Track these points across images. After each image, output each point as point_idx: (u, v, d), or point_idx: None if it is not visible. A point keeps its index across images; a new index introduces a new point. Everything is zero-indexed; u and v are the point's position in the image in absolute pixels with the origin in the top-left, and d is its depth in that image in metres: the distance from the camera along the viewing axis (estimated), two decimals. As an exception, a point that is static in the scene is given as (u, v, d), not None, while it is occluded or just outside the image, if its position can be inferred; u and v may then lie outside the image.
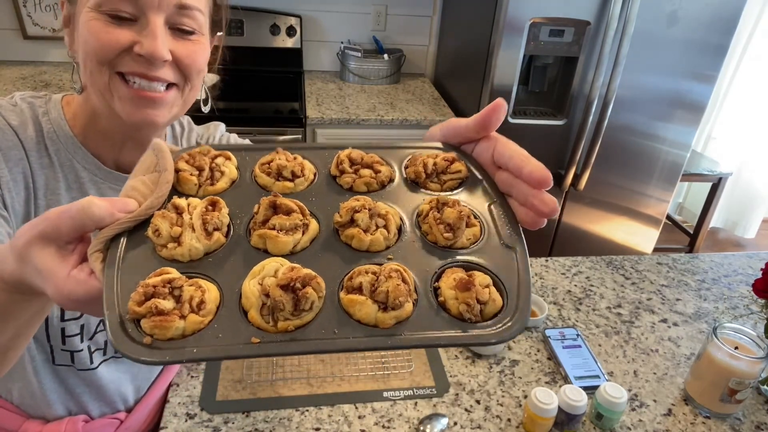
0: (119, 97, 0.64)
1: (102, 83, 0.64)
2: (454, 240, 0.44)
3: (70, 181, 0.72)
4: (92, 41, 0.61)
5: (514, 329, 0.40)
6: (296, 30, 2.54)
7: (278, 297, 0.37)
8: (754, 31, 2.95)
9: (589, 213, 2.34)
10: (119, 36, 0.61)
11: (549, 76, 2.16)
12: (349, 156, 0.49)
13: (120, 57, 0.62)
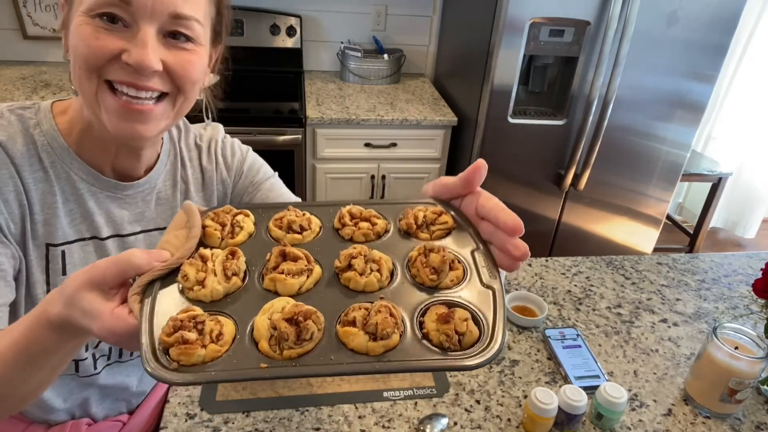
0: (105, 107, 0.63)
1: (90, 92, 0.63)
2: (438, 281, 0.51)
3: (67, 193, 0.71)
4: (82, 47, 0.60)
5: (487, 356, 0.45)
6: (296, 30, 2.54)
7: (283, 328, 0.45)
8: (754, 31, 2.95)
9: (589, 213, 2.34)
10: (108, 43, 0.60)
11: (549, 76, 2.16)
12: (349, 211, 0.58)
13: (109, 64, 0.61)
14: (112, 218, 0.75)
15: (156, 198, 0.80)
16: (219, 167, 0.87)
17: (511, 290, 1.25)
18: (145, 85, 0.62)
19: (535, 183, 2.23)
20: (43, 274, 0.71)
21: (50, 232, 0.70)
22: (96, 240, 0.74)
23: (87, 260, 0.73)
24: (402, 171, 2.35)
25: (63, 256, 0.71)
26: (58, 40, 2.70)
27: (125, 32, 0.60)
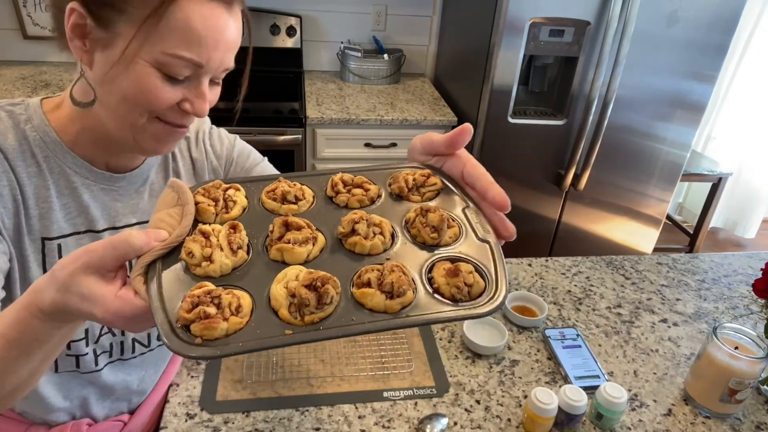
0: (152, 134, 0.67)
1: (136, 123, 0.66)
2: (439, 239, 0.54)
3: (61, 187, 0.72)
4: (148, 96, 0.63)
5: (496, 303, 0.48)
6: (296, 30, 2.54)
7: (304, 295, 0.46)
8: (754, 31, 2.95)
9: (589, 213, 2.34)
10: (173, 95, 0.64)
11: (549, 76, 2.16)
12: (341, 179, 0.59)
13: (166, 110, 0.66)
14: (107, 211, 0.76)
15: (149, 190, 0.81)
16: (209, 156, 0.89)
17: (512, 290, 1.25)
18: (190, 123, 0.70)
19: (535, 183, 2.23)
20: (40, 268, 0.71)
21: (46, 226, 0.71)
22: (91, 233, 0.75)
23: None
24: (402, 171, 2.35)
25: (59, 249, 0.72)
26: (58, 40, 2.69)
27: (186, 83, 0.65)
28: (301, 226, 0.53)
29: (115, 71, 0.63)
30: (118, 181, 0.76)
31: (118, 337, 0.83)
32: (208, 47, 0.62)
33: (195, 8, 0.60)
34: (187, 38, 0.61)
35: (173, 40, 0.60)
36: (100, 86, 0.66)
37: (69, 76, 2.38)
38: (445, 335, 1.10)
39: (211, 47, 0.63)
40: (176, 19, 0.60)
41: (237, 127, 2.08)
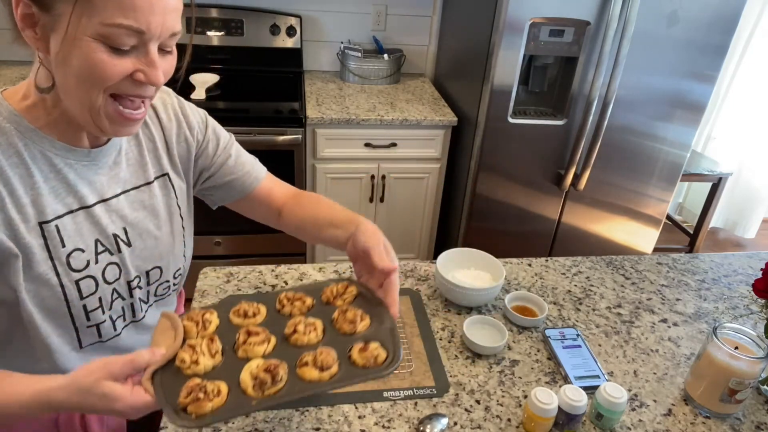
0: (107, 115, 0.69)
1: (94, 104, 0.68)
2: (355, 329, 0.77)
3: (45, 171, 0.73)
4: (96, 71, 0.64)
5: (392, 367, 0.71)
6: (296, 30, 2.54)
7: (262, 376, 0.68)
8: (754, 31, 2.95)
9: (589, 213, 2.34)
10: (122, 67, 0.66)
11: (549, 76, 2.16)
12: (285, 296, 0.81)
13: (120, 83, 0.67)
14: (94, 185, 0.79)
15: (126, 159, 0.84)
16: (180, 124, 0.91)
17: (511, 290, 1.25)
18: (147, 94, 0.71)
19: (535, 183, 2.23)
20: (45, 251, 0.74)
21: (40, 210, 0.73)
22: (84, 209, 0.78)
23: (80, 229, 0.77)
24: (402, 171, 2.35)
25: (57, 230, 0.74)
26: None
27: (134, 53, 0.66)
28: (259, 332, 0.75)
29: (63, 52, 0.64)
30: (96, 155, 0.78)
31: (127, 299, 0.86)
32: (144, 11, 0.63)
33: None
34: (121, 5, 0.61)
35: (108, 9, 0.61)
36: (56, 70, 0.67)
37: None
38: (445, 335, 1.10)
39: (147, 11, 0.63)
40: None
41: (237, 127, 2.09)
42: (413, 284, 1.25)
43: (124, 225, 0.82)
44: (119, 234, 0.82)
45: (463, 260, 1.25)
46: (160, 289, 0.91)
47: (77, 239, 0.77)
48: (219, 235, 2.36)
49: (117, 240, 0.81)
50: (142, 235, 0.85)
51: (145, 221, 0.85)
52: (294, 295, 0.81)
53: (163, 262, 0.89)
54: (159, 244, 0.87)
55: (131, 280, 0.84)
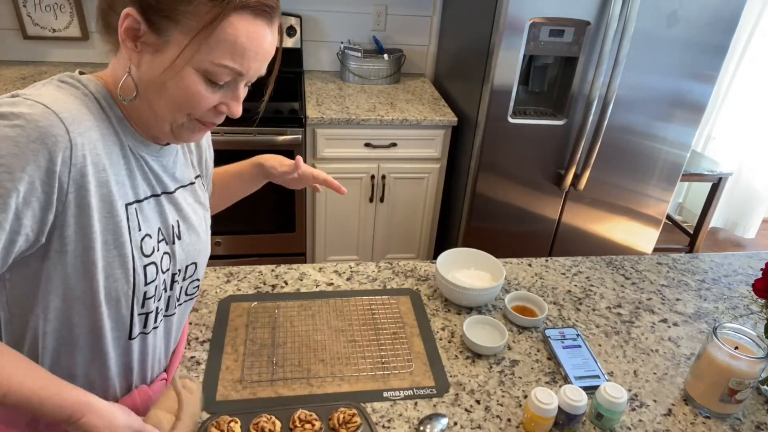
0: (189, 129, 0.76)
1: (175, 121, 0.74)
2: None
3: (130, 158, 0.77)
4: (191, 100, 0.71)
5: None
6: (296, 30, 2.54)
7: None
8: (754, 31, 2.95)
9: (589, 213, 2.34)
10: (213, 99, 0.72)
11: (549, 76, 2.16)
12: (298, 416, 0.88)
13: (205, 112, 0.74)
14: (160, 178, 0.84)
15: (179, 160, 0.89)
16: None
17: (511, 290, 1.25)
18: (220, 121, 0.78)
19: (535, 183, 2.23)
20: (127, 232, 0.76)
21: (127, 191, 0.76)
22: (155, 197, 0.83)
23: (150, 216, 0.80)
24: (402, 171, 2.35)
25: (136, 213, 0.78)
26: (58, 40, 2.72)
27: (225, 89, 0.73)
28: None
29: (164, 76, 0.69)
30: (162, 152, 0.83)
31: (168, 292, 0.87)
32: (249, 58, 0.70)
33: (243, 24, 0.67)
34: (234, 50, 0.68)
35: (221, 51, 0.67)
36: (145, 85, 0.71)
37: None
38: (445, 335, 1.10)
39: (251, 58, 0.70)
40: (226, 33, 0.66)
41: (237, 127, 2.09)
42: (413, 284, 1.25)
43: (179, 218, 0.87)
44: (175, 225, 0.85)
45: (463, 260, 1.25)
46: (190, 288, 0.93)
47: (147, 225, 0.79)
48: (219, 235, 2.36)
49: (173, 231, 0.85)
50: (189, 230, 0.89)
51: (192, 217, 0.90)
52: (306, 416, 0.88)
53: (198, 258, 0.91)
54: (199, 241, 0.90)
55: (176, 273, 0.86)
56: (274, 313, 1.13)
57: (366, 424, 0.89)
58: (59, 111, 0.66)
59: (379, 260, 2.57)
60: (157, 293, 0.82)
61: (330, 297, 1.18)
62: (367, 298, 1.19)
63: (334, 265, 1.30)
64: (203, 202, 0.94)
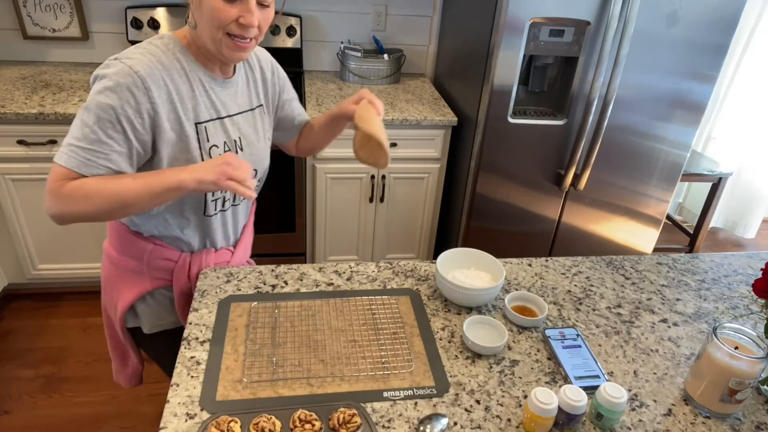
0: (226, 46, 1.02)
1: (217, 39, 1.01)
2: None
3: (199, 88, 1.08)
4: (216, 14, 0.97)
5: None
6: (296, 30, 2.54)
7: None
8: (754, 31, 2.95)
9: (589, 213, 2.34)
10: (231, 12, 0.98)
11: (549, 76, 2.16)
12: (298, 416, 0.88)
13: (230, 24, 0.99)
14: (225, 104, 1.14)
15: (241, 90, 1.19)
16: (274, 74, 1.29)
17: (511, 290, 1.25)
18: (248, 35, 1.02)
19: (535, 183, 2.23)
20: (197, 142, 1.08)
21: (197, 114, 1.08)
22: (219, 119, 1.12)
23: (216, 132, 1.11)
24: (402, 171, 2.35)
25: (205, 129, 1.10)
26: (58, 40, 2.72)
27: (239, 4, 0.98)
28: None
29: (198, 4, 0.99)
30: (225, 83, 1.13)
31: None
32: None
33: None
34: None
35: None
36: (196, 14, 1.01)
37: (69, 75, 2.38)
38: (445, 335, 1.10)
39: None
40: None
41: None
42: (413, 284, 1.25)
43: (240, 135, 1.17)
44: (237, 140, 1.16)
45: (463, 260, 1.25)
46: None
47: (215, 138, 1.11)
48: (219, 235, 2.36)
49: (236, 144, 1.16)
50: (249, 145, 1.19)
51: (251, 135, 1.20)
52: (306, 416, 0.88)
53: (257, 166, 1.23)
54: (257, 153, 1.22)
55: None
56: (274, 313, 1.13)
57: (366, 424, 0.88)
58: (138, 68, 0.98)
59: (379, 260, 2.57)
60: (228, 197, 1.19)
61: (330, 297, 1.18)
62: (367, 298, 1.19)
63: (334, 265, 1.30)
64: (262, 126, 1.24)
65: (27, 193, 2.16)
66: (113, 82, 0.96)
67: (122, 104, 0.96)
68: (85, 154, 0.96)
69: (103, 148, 0.97)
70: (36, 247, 2.31)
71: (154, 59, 1.01)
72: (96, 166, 0.97)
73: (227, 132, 1.13)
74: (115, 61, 0.99)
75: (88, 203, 0.95)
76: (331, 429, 0.87)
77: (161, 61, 1.02)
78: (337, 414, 0.88)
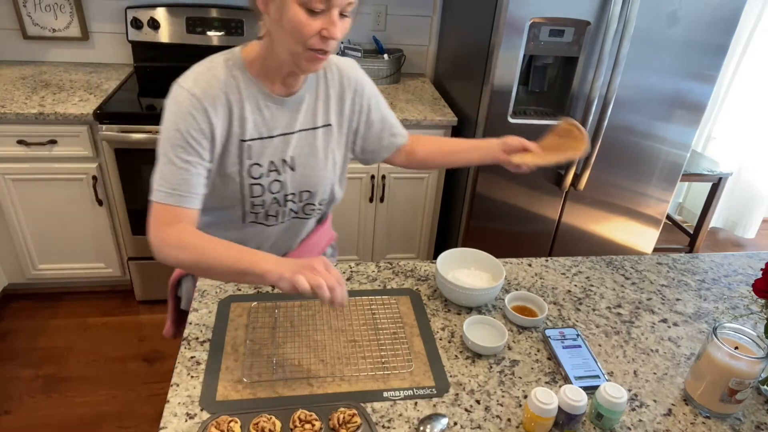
0: (304, 59, 0.98)
1: (296, 52, 0.97)
2: None
3: (252, 106, 1.06)
4: (297, 28, 0.93)
5: None
6: (296, 30, 2.53)
7: None
8: (754, 31, 2.95)
9: (589, 213, 2.34)
10: (315, 25, 0.94)
11: (549, 76, 2.16)
12: (298, 416, 0.87)
13: (312, 38, 0.95)
14: (279, 122, 1.11)
15: (304, 108, 1.14)
16: (356, 92, 1.20)
17: (511, 290, 1.25)
18: (329, 48, 0.98)
19: (535, 183, 2.23)
20: (238, 158, 1.08)
21: (243, 131, 1.07)
22: (269, 138, 1.10)
23: (262, 151, 1.10)
24: (402, 171, 2.35)
25: (249, 147, 1.08)
26: (58, 40, 2.72)
27: (323, 15, 0.94)
28: None
29: (279, 13, 0.94)
30: (285, 101, 1.10)
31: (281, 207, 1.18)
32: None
33: None
34: None
35: None
36: (272, 27, 0.98)
37: (69, 75, 2.38)
38: (445, 335, 1.10)
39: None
40: None
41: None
42: (413, 284, 1.25)
43: (293, 154, 1.13)
44: (287, 160, 1.13)
45: (463, 260, 1.25)
46: (307, 209, 1.23)
47: (259, 157, 1.10)
48: (219, 235, 2.36)
49: (285, 163, 1.13)
50: (304, 165, 1.15)
51: (308, 155, 1.15)
52: (306, 416, 0.88)
53: (313, 188, 1.18)
54: (312, 174, 1.17)
55: (287, 195, 1.16)
56: (274, 313, 1.13)
57: (366, 424, 0.88)
58: (194, 91, 1.00)
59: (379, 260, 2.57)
60: (264, 204, 1.15)
61: (330, 297, 1.18)
62: (367, 298, 1.19)
63: (334, 265, 1.30)
64: (327, 146, 1.18)
65: (27, 193, 2.16)
66: (174, 107, 1.00)
67: (187, 128, 0.99)
68: (169, 185, 1.00)
69: (182, 175, 1.01)
70: (36, 247, 2.31)
71: (212, 77, 1.02)
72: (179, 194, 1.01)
73: (276, 151, 1.11)
74: (175, 86, 1.02)
75: (181, 253, 0.97)
76: (331, 429, 0.87)
77: (218, 78, 1.03)
78: (337, 414, 0.88)
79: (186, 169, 1.01)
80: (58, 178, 2.15)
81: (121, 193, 2.18)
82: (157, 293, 2.46)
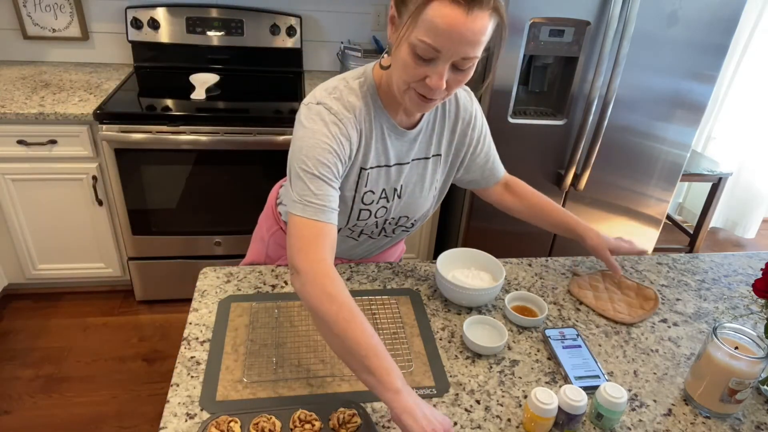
0: (409, 98, 0.97)
1: (400, 88, 0.96)
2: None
3: (377, 135, 1.06)
4: (405, 69, 0.92)
5: None
6: (296, 30, 2.54)
7: None
8: (754, 31, 2.95)
9: (589, 213, 2.34)
10: (420, 71, 0.91)
11: (549, 76, 2.16)
12: (298, 416, 0.88)
13: (417, 82, 0.93)
14: (396, 152, 1.11)
15: (419, 140, 1.14)
16: (469, 125, 1.19)
17: (511, 290, 1.25)
18: (434, 97, 0.95)
19: (535, 183, 2.20)
20: (354, 184, 1.09)
21: (365, 159, 1.07)
22: (387, 167, 1.11)
23: (378, 179, 1.11)
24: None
25: (367, 175, 1.09)
26: (58, 40, 2.72)
27: (431, 64, 0.90)
28: None
29: (396, 47, 0.93)
30: (404, 133, 1.10)
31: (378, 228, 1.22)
32: (444, 38, 0.85)
33: (440, 9, 0.84)
34: (430, 29, 0.85)
35: (423, 29, 0.86)
36: (392, 57, 0.97)
37: (69, 75, 2.38)
38: (445, 335, 1.10)
39: (445, 38, 0.85)
40: (428, 15, 0.85)
41: (237, 127, 2.09)
42: (413, 284, 1.25)
43: (403, 183, 1.15)
44: (398, 188, 1.14)
45: (463, 260, 1.25)
46: (398, 230, 1.26)
47: (373, 184, 1.11)
48: (219, 235, 2.36)
49: (395, 192, 1.15)
50: (410, 193, 1.17)
51: (415, 184, 1.17)
52: (306, 416, 0.88)
53: (412, 214, 1.22)
54: (416, 202, 1.19)
55: (388, 219, 1.19)
56: (274, 313, 1.13)
57: (366, 424, 0.88)
58: (336, 111, 1.00)
59: (379, 260, 2.57)
60: (367, 227, 1.20)
61: (330, 297, 1.18)
62: (367, 298, 1.19)
63: (334, 265, 1.30)
64: (433, 176, 1.19)
65: (27, 193, 2.16)
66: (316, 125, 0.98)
67: (330, 144, 0.98)
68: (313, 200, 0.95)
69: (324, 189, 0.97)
70: (36, 247, 2.31)
71: (349, 104, 1.02)
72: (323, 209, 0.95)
73: (389, 179, 1.12)
74: (313, 103, 1.01)
75: (325, 302, 0.87)
76: (331, 429, 0.87)
77: (353, 104, 1.02)
78: (337, 414, 0.88)
79: (328, 184, 0.97)
80: (58, 178, 2.15)
81: (121, 193, 2.18)
82: (157, 293, 2.46)
